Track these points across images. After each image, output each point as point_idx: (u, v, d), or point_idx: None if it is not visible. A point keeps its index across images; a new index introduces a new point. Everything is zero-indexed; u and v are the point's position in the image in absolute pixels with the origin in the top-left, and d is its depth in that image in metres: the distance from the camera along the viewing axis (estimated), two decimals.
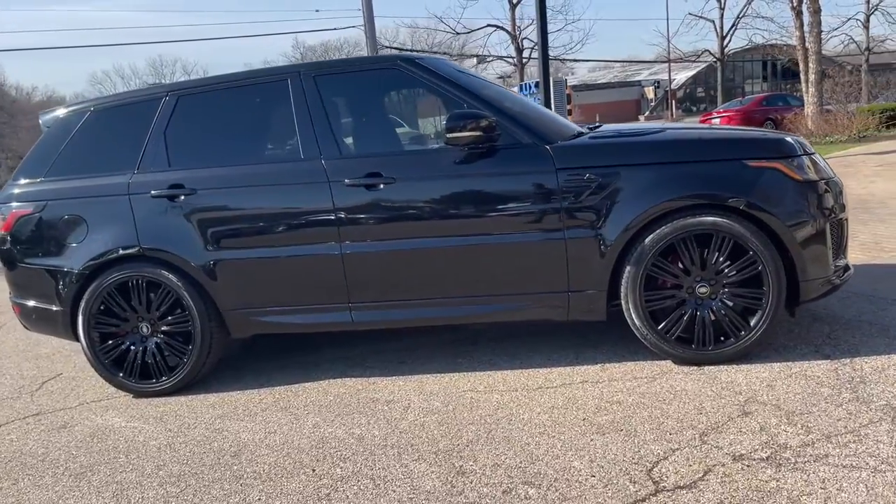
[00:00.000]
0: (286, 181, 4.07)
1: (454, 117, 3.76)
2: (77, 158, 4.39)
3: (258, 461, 3.26)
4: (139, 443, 3.62)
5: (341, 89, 4.25)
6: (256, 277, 4.11)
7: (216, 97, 4.31)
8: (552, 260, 3.86)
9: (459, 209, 3.92)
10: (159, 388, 4.25)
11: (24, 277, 4.45)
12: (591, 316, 3.95)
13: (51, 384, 4.80)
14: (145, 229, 4.16)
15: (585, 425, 3.25)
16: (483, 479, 2.87)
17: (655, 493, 2.63)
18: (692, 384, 3.59)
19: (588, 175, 3.80)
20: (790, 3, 20.88)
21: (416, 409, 3.65)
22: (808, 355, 3.81)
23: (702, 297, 3.79)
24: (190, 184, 4.13)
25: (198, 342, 4.18)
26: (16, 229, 4.39)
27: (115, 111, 4.46)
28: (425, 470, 3.00)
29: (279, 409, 3.86)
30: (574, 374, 3.90)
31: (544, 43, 12.26)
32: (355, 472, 3.04)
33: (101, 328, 4.29)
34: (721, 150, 3.86)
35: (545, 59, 12.25)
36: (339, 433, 3.46)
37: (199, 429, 3.72)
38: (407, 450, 3.20)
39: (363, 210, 3.97)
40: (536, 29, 12.38)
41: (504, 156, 3.88)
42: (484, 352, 4.42)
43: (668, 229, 3.73)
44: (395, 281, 4.01)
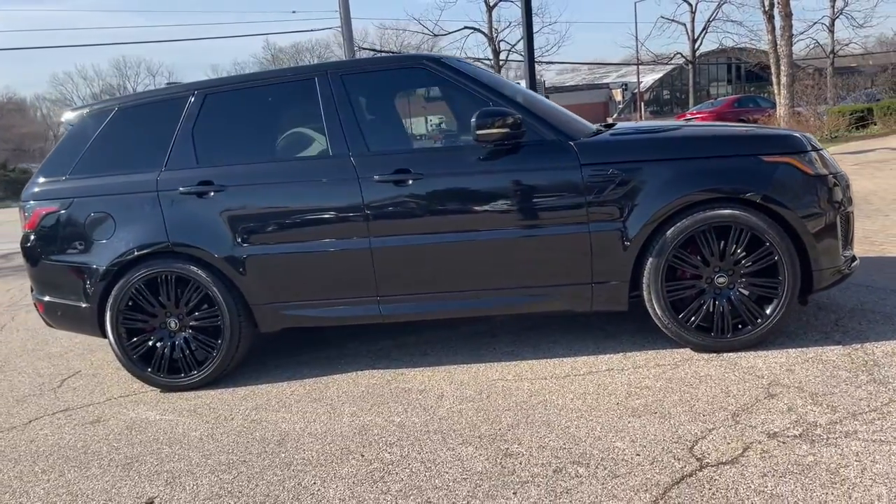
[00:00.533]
0: (316, 177, 4.16)
1: (483, 115, 3.88)
2: (102, 157, 4.43)
3: (304, 449, 3.34)
4: (179, 434, 3.68)
5: (368, 88, 4.35)
6: (286, 272, 4.19)
7: (243, 95, 4.39)
8: (577, 252, 3.99)
9: (486, 204, 4.04)
10: (188, 382, 4.30)
11: (48, 275, 4.47)
12: (613, 306, 4.09)
13: (72, 381, 4.82)
14: (174, 225, 4.21)
15: (620, 409, 3.39)
16: (531, 459, 2.99)
17: (701, 469, 2.77)
18: (715, 370, 3.75)
19: (611, 170, 3.94)
20: (762, 8, 21.37)
21: (451, 397, 3.76)
22: (820, 341, 4.00)
23: (720, 286, 3.96)
24: (219, 180, 4.20)
25: (227, 336, 4.25)
26: (40, 227, 4.42)
27: (140, 110, 4.51)
28: (472, 453, 3.11)
29: (313, 400, 3.95)
30: (598, 362, 4.04)
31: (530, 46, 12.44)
32: (404, 457, 3.14)
33: (129, 324, 4.34)
34: (738, 146, 4.04)
35: (531, 61, 12.42)
36: (378, 421, 3.56)
37: (236, 420, 3.79)
38: (450, 435, 3.31)
39: (392, 205, 4.08)
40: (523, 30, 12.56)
41: (529, 152, 4.01)
42: (505, 343, 4.54)
43: (689, 222, 3.89)
44: (423, 274, 4.12)
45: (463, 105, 4.21)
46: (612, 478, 2.78)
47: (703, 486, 2.64)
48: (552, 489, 2.74)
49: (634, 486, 2.70)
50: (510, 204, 4.01)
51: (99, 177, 4.38)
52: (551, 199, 3.99)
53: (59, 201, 4.39)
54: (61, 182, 4.43)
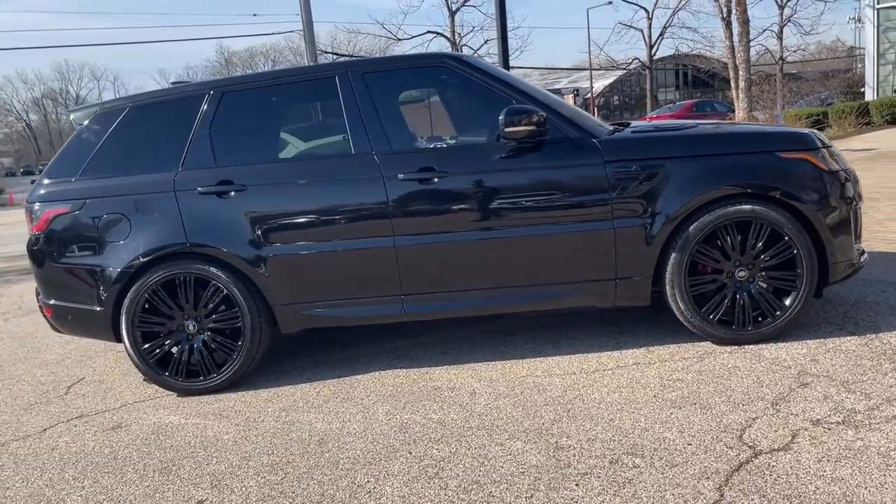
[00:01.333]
0: (340, 176, 4.13)
1: (511, 112, 3.90)
2: (114, 157, 4.33)
3: (347, 448, 3.31)
4: (210, 437, 3.61)
5: (390, 86, 4.33)
6: (309, 271, 4.15)
7: (261, 94, 4.34)
8: (601, 249, 4.04)
9: (511, 201, 4.06)
10: (207, 385, 4.22)
11: (58, 278, 4.35)
12: (636, 302, 4.15)
13: (78, 388, 4.68)
14: (193, 226, 4.14)
15: (658, 401, 3.44)
16: (584, 452, 3.02)
17: (756, 456, 2.83)
18: (741, 361, 3.83)
19: (635, 167, 4.01)
20: (720, 15, 21.90)
21: (484, 394, 3.77)
22: (835, 332, 4.12)
23: (740, 280, 4.05)
24: (239, 180, 4.14)
25: (248, 338, 4.19)
26: (50, 229, 4.29)
27: (154, 109, 4.41)
28: (522, 447, 3.12)
29: (342, 400, 3.91)
30: (623, 357, 4.09)
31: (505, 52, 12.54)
32: (454, 453, 3.14)
33: (145, 327, 4.24)
34: (756, 143, 4.14)
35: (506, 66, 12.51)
36: (416, 419, 3.55)
37: (267, 422, 3.74)
38: (494, 430, 3.32)
39: (417, 203, 4.07)
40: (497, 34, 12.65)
41: (554, 149, 4.05)
42: (524, 340, 4.57)
43: (711, 217, 3.97)
44: (447, 272, 4.12)
45: (485, 103, 4.23)
46: (670, 467, 2.82)
47: (763, 473, 2.70)
48: (613, 480, 2.77)
49: (695, 474, 2.75)
50: (535, 201, 4.04)
51: (112, 177, 4.28)
52: (576, 195, 4.03)
53: (70, 202, 4.27)
54: (72, 183, 4.32)
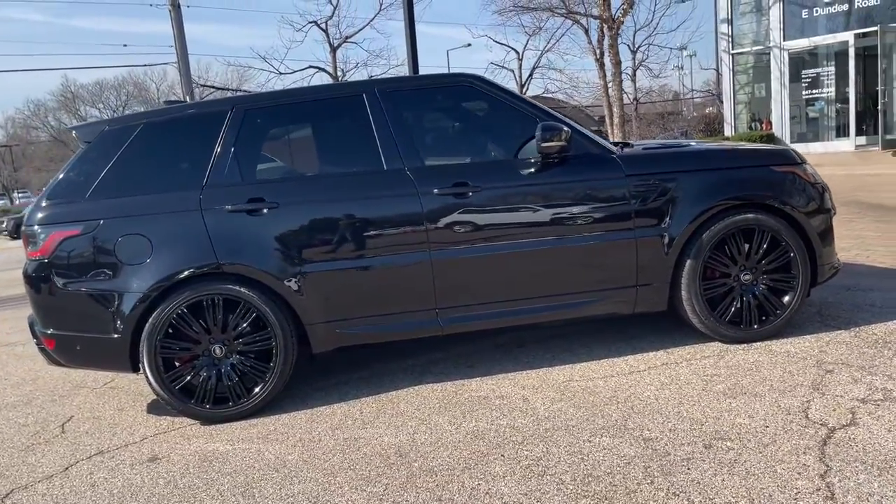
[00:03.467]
0: (373, 192, 4.14)
1: (546, 128, 4.09)
2: (128, 175, 4.12)
3: (432, 457, 3.31)
4: (273, 460, 3.48)
5: (417, 104, 4.41)
6: (344, 288, 4.11)
7: (287, 111, 4.29)
8: (624, 258, 4.29)
9: (541, 214, 4.23)
10: (238, 411, 4.05)
11: (66, 306, 4.04)
12: (654, 307, 4.42)
13: (73, 426, 4.33)
14: (222, 245, 4.00)
15: (710, 394, 3.69)
16: (674, 441, 3.19)
17: (833, 431, 3.12)
18: (758, 356, 4.16)
19: (653, 180, 4.30)
20: (595, 56, 23.39)
21: (537, 399, 3.87)
22: (825, 328, 4.56)
23: (746, 283, 4.41)
24: (271, 197, 4.06)
25: (280, 359, 4.07)
26: (58, 252, 3.99)
27: (170, 126, 4.24)
28: (611, 442, 3.26)
29: (393, 415, 3.88)
30: (648, 360, 4.33)
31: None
32: (549, 452, 3.22)
33: (167, 354, 4.02)
34: (753, 158, 4.56)
35: None
36: (484, 426, 3.60)
37: (325, 441, 3.65)
38: (572, 430, 3.43)
39: (452, 217, 4.15)
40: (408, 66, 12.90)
41: (579, 164, 4.27)
42: (541, 351, 4.71)
43: (721, 226, 4.32)
44: (482, 284, 4.22)
45: (507, 120, 4.39)
46: (764, 447, 3.05)
47: (849, 444, 2.99)
48: (719, 461, 2.96)
49: (790, 450, 2.99)
50: (564, 213, 4.24)
51: (128, 196, 4.06)
52: (601, 207, 4.26)
53: (81, 224, 4.00)
54: (81, 203, 4.05)
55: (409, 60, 12.81)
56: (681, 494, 2.74)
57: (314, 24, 28.45)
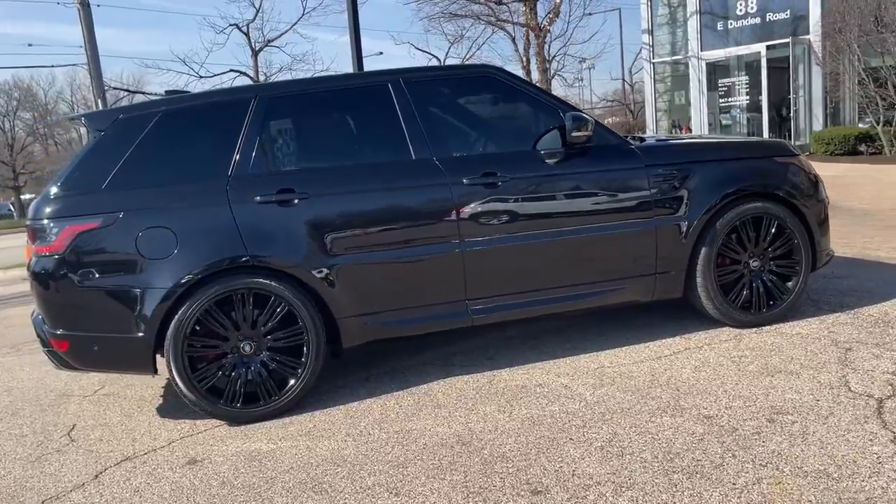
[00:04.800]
0: (404, 182, 4.08)
1: (576, 118, 4.15)
2: (147, 165, 3.91)
3: (498, 444, 3.29)
4: (328, 456, 3.37)
5: (441, 94, 4.39)
6: (376, 281, 4.03)
7: (312, 99, 4.17)
8: (645, 246, 4.39)
9: (568, 204, 4.29)
10: (269, 410, 3.90)
11: (82, 304, 3.79)
12: (671, 294, 4.54)
13: (82, 434, 4.06)
14: (252, 237, 3.85)
15: (747, 374, 3.81)
16: (735, 417, 3.29)
17: (883, 401, 3.29)
18: (773, 339, 4.34)
19: (670, 170, 4.43)
20: (521, 64, 23.81)
21: (577, 386, 3.90)
22: (821, 312, 4.79)
23: (754, 270, 4.59)
24: (301, 188, 3.94)
25: (312, 355, 3.95)
26: (74, 247, 3.74)
27: (190, 115, 4.05)
28: (674, 421, 3.32)
29: (436, 407, 3.83)
30: (669, 345, 4.43)
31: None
32: (616, 434, 3.26)
33: (194, 352, 3.83)
34: (759, 149, 4.77)
35: None
36: (537, 413, 3.60)
37: (376, 434, 3.56)
38: (629, 412, 3.47)
39: (482, 207, 4.15)
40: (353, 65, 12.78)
41: (601, 154, 4.35)
42: (556, 341, 4.74)
43: (732, 214, 4.49)
44: (510, 275, 4.23)
45: (529, 111, 4.43)
46: (826, 418, 3.18)
47: None
48: (789, 433, 3.07)
49: (851, 420, 3.13)
50: (590, 203, 4.30)
51: (150, 188, 3.85)
52: (624, 197, 4.35)
53: (101, 216, 3.76)
54: (98, 195, 3.81)
55: (354, 64, 12.70)
56: (769, 465, 2.82)
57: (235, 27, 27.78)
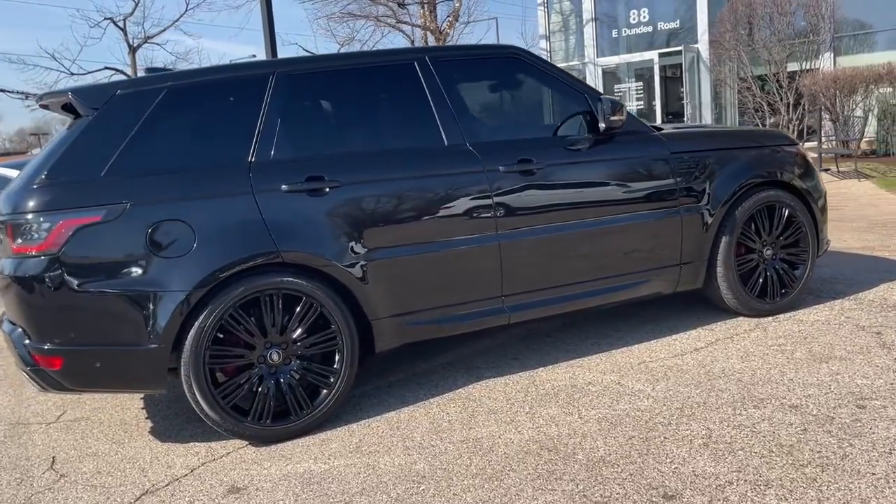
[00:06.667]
0: (438, 169, 3.76)
1: (613, 103, 3.97)
2: (153, 149, 3.38)
3: (589, 448, 3.03)
4: (400, 472, 3.00)
5: (467, 74, 4.08)
6: (412, 277, 3.68)
7: (336, 78, 3.76)
8: (672, 236, 4.28)
9: (602, 192, 4.10)
10: (301, 425, 3.45)
11: (82, 312, 3.20)
12: (693, 285, 4.45)
13: (69, 468, 3.43)
14: (281, 231, 3.40)
15: (798, 362, 3.75)
16: (822, 405, 3.20)
17: None
18: (796, 326, 4.33)
19: (692, 158, 4.34)
20: None
21: (630, 382, 3.71)
22: (822, 300, 4.85)
23: (767, 258, 4.59)
24: (332, 175, 3.53)
25: (347, 360, 3.55)
26: (71, 245, 3.15)
27: (200, 92, 3.54)
28: (763, 413, 3.19)
29: (490, 412, 3.52)
30: (698, 337, 4.32)
31: None
32: (710, 430, 3.08)
33: (217, 363, 3.34)
34: (766, 138, 4.77)
35: None
36: (607, 412, 3.37)
37: (440, 445, 3.21)
38: (710, 407, 3.31)
39: (519, 196, 3.89)
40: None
41: (630, 141, 4.20)
42: (575, 338, 4.54)
43: (750, 203, 4.46)
44: (544, 268, 3.99)
45: (555, 94, 4.21)
46: None
47: None
48: (888, 417, 3.00)
49: None
50: (623, 191, 4.14)
51: (159, 175, 3.32)
52: (654, 185, 4.22)
53: (103, 208, 3.19)
54: (98, 183, 3.24)
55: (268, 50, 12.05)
56: (893, 452, 2.72)
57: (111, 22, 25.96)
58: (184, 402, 4.02)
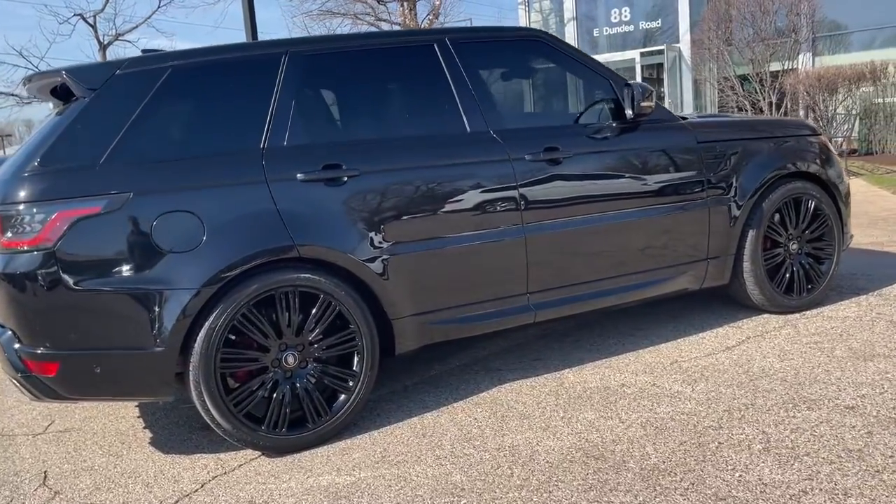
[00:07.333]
0: (461, 157, 3.52)
1: (643, 88, 3.77)
2: (158, 134, 3.10)
3: (638, 455, 2.81)
4: (435, 485, 2.75)
5: (490, 58, 3.85)
6: (436, 273, 3.43)
7: (352, 59, 3.49)
8: (700, 229, 4.08)
9: (631, 183, 3.89)
10: (319, 433, 3.19)
11: (81, 313, 2.91)
12: (718, 281, 4.25)
13: (64, 484, 3.13)
14: (296, 223, 3.14)
15: (840, 360, 3.57)
16: (880, 405, 3.01)
17: None
18: (827, 323, 4.16)
19: (720, 148, 4.15)
20: None
21: (667, 384, 3.50)
22: (846, 295, 4.68)
23: (793, 252, 4.41)
24: (351, 163, 3.27)
25: (367, 364, 3.29)
26: (68, 238, 2.86)
27: (208, 72, 3.25)
28: (816, 415, 3.00)
29: (521, 417, 3.29)
30: (726, 335, 4.13)
31: None
32: (766, 434, 2.88)
33: (229, 367, 3.06)
34: (791, 127, 4.59)
35: None
36: (649, 416, 3.15)
37: (475, 454, 2.97)
38: (759, 409, 3.11)
39: (546, 186, 3.67)
40: None
41: (657, 129, 4.00)
42: (598, 337, 4.32)
43: (777, 195, 4.28)
44: (571, 264, 3.77)
45: (581, 80, 4.00)
46: None
47: None
48: None
49: None
50: (652, 181, 3.94)
51: (165, 162, 3.04)
52: (682, 175, 4.02)
53: (103, 198, 2.90)
54: (97, 171, 2.95)
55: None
56: None
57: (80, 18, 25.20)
58: (182, 410, 3.77)
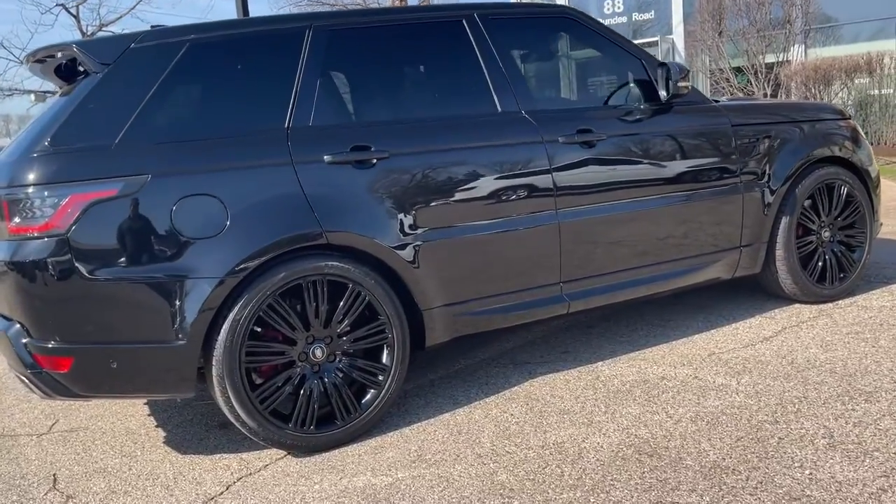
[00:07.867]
0: (493, 139, 3.34)
1: (679, 68, 3.61)
2: (177, 113, 2.91)
3: (693, 452, 2.66)
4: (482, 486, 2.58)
5: (520, 36, 3.66)
6: (468, 261, 3.26)
7: (380, 35, 3.31)
8: (734, 216, 3.93)
9: (668, 167, 3.73)
10: (348, 431, 3.01)
11: (96, 304, 2.71)
12: (750, 270, 4.09)
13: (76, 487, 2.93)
14: (324, 208, 2.95)
15: (888, 351, 3.43)
16: None
17: None
18: (864, 313, 4.02)
19: (753, 131, 4.00)
20: None
21: (709, 376, 3.35)
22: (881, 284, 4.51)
23: (825, 240, 4.27)
24: (380, 145, 3.08)
25: (398, 355, 3.11)
26: (82, 224, 2.65)
27: (229, 47, 3.05)
28: (878, 408, 2.86)
29: (561, 413, 3.12)
30: (759, 326, 3.98)
31: None
32: (829, 429, 2.73)
33: (254, 361, 2.87)
34: (822, 111, 4.45)
35: None
36: (697, 410, 3.00)
37: (518, 453, 2.80)
38: (812, 402, 2.97)
39: (580, 171, 3.51)
40: None
41: (690, 111, 3.85)
42: (625, 329, 4.15)
43: (810, 181, 4.13)
44: (604, 252, 3.61)
45: (612, 60, 3.83)
46: None
47: None
48: None
49: None
50: (686, 165, 3.79)
51: (184, 142, 2.84)
52: (718, 159, 3.87)
53: (119, 181, 2.69)
54: (113, 152, 2.74)
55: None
56: None
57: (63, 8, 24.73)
58: (195, 407, 3.59)
